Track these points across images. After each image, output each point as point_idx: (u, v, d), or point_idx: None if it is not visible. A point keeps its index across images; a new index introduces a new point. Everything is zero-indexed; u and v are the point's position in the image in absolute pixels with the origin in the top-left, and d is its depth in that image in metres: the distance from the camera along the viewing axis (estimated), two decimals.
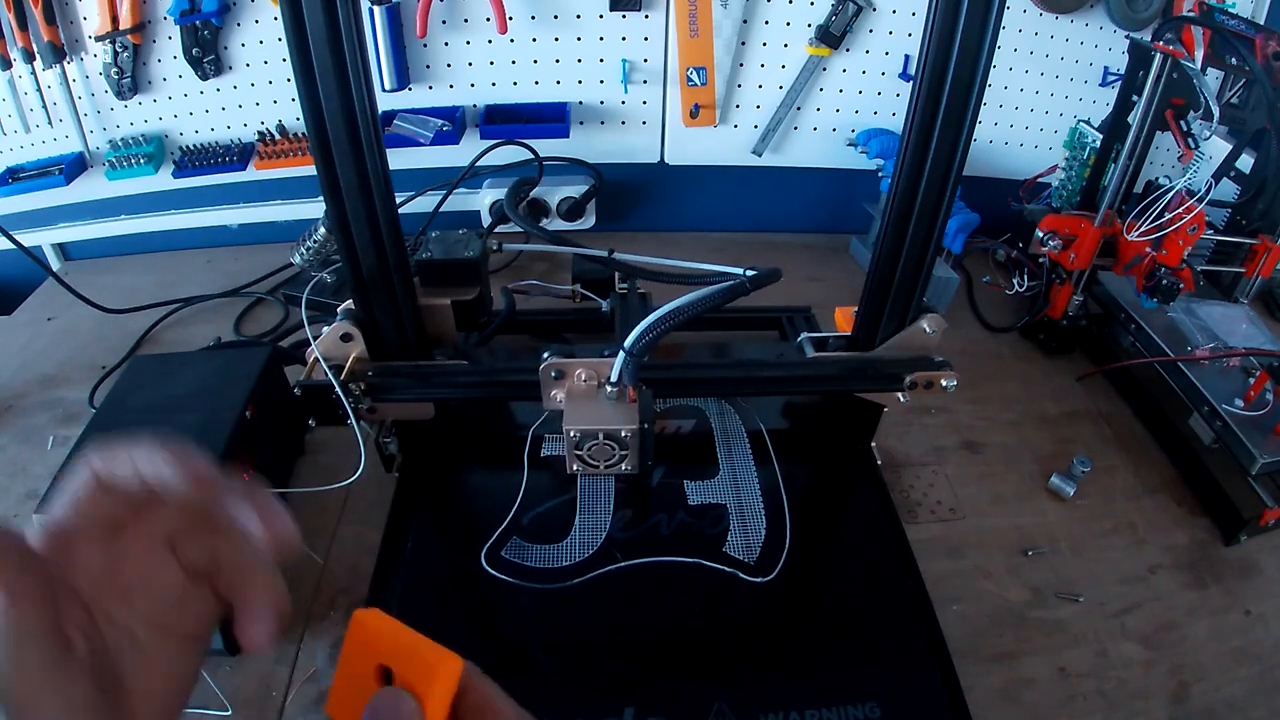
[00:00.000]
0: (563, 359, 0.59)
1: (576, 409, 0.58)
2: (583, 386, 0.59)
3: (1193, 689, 0.58)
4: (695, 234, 1.16)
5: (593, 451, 0.58)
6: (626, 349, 0.55)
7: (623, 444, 0.57)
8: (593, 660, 0.56)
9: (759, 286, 0.57)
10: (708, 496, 0.68)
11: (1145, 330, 0.83)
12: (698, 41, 0.95)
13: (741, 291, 0.56)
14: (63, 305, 0.93)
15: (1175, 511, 0.73)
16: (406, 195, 0.99)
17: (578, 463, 0.58)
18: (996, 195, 1.04)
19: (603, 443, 0.57)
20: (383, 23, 0.90)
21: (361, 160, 0.51)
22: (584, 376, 0.59)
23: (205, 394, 0.63)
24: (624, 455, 0.58)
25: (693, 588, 0.61)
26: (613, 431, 0.56)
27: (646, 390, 0.59)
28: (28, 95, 0.94)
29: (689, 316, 0.54)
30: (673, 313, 0.54)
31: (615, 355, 0.56)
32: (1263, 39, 0.81)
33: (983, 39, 0.48)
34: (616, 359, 0.56)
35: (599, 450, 0.58)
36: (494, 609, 0.60)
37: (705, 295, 0.54)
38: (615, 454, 0.58)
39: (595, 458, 0.58)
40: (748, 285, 0.56)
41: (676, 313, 0.53)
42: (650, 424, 0.57)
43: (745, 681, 0.55)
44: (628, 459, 0.58)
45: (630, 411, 0.57)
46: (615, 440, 0.57)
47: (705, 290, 0.55)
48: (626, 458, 0.58)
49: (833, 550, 0.66)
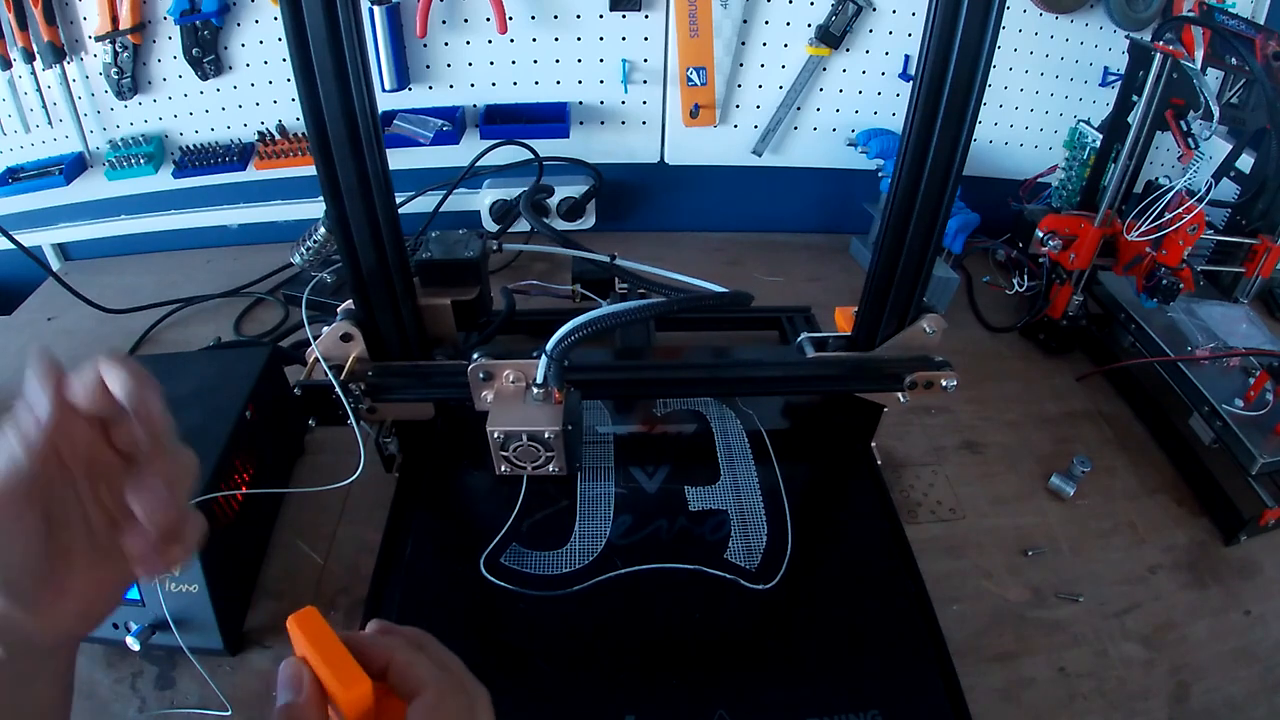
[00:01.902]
0: (491, 360, 0.59)
1: (501, 410, 0.58)
2: (510, 388, 0.59)
3: (1193, 689, 0.58)
4: (695, 234, 1.16)
5: (518, 452, 0.57)
6: (548, 352, 0.55)
7: (547, 445, 0.57)
8: (593, 668, 0.56)
9: (691, 308, 0.60)
10: (708, 502, 0.68)
11: (1145, 330, 0.83)
12: (698, 41, 0.95)
13: (669, 309, 0.58)
14: (63, 305, 0.93)
15: (1175, 511, 0.73)
16: (406, 195, 0.99)
17: (505, 464, 0.58)
18: (996, 195, 1.04)
19: (527, 444, 0.57)
20: (383, 23, 0.90)
21: (361, 160, 0.51)
22: (512, 378, 0.59)
23: (205, 394, 0.63)
24: (549, 456, 0.58)
25: (693, 595, 0.61)
26: (536, 433, 0.56)
27: (575, 392, 0.59)
28: (28, 95, 0.94)
29: (613, 324, 0.55)
30: (594, 320, 0.54)
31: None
32: (1263, 39, 0.81)
33: (983, 39, 0.48)
34: (540, 361, 0.56)
35: (524, 451, 0.57)
36: (494, 616, 0.59)
37: (632, 307, 0.55)
38: (540, 455, 0.57)
39: (521, 459, 0.58)
40: (675, 305, 0.59)
41: (598, 320, 0.54)
42: (577, 425, 0.57)
43: (746, 690, 0.54)
44: (554, 460, 0.58)
45: (555, 413, 0.57)
46: (539, 442, 0.57)
47: (634, 303, 0.56)
48: (552, 459, 0.58)
49: (834, 553, 0.66)
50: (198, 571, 0.53)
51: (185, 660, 0.54)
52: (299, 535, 0.66)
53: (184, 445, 0.32)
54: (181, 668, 0.55)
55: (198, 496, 0.54)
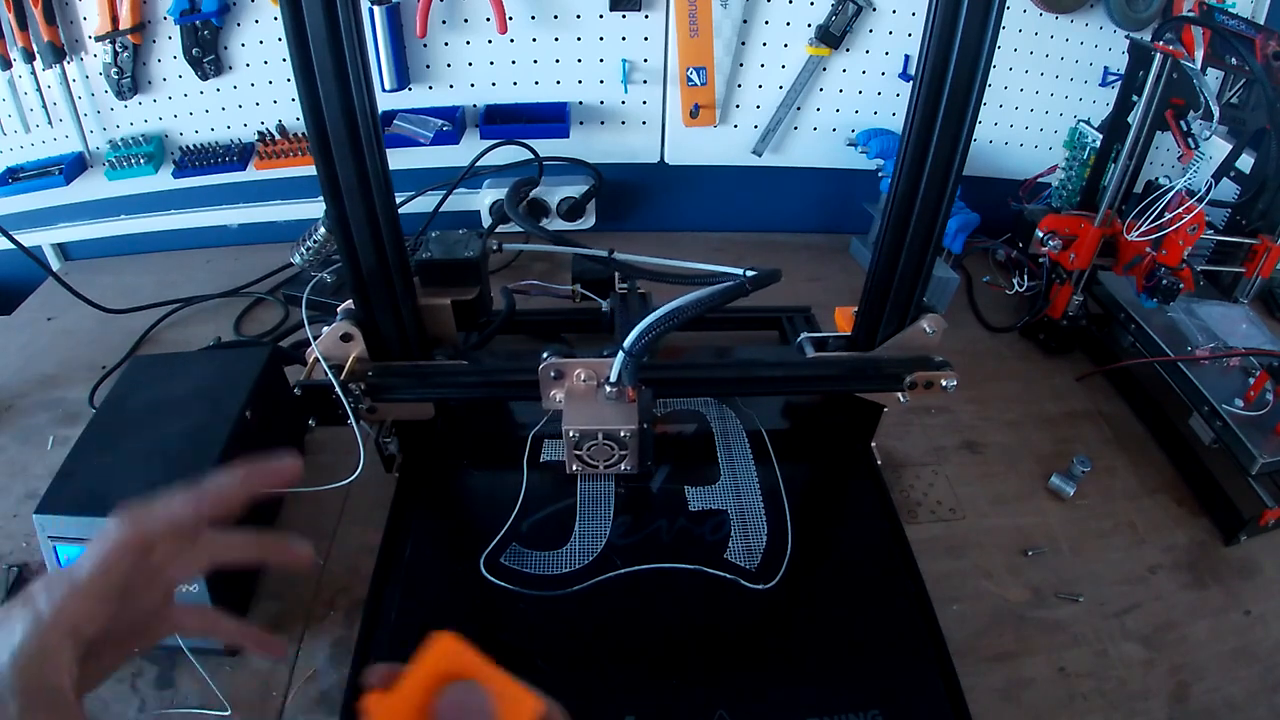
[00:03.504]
0: (562, 359, 0.59)
1: (576, 409, 0.58)
2: (582, 386, 0.59)
3: (1193, 689, 0.58)
4: (695, 234, 1.16)
5: (592, 451, 0.58)
6: (626, 349, 0.55)
7: (622, 444, 0.57)
8: (593, 668, 0.56)
9: (759, 287, 0.57)
10: (709, 502, 0.68)
11: (1145, 330, 0.83)
12: (698, 41, 0.95)
13: (741, 292, 0.56)
14: (63, 305, 0.93)
15: (1175, 511, 0.72)
16: (406, 195, 0.99)
17: (577, 463, 0.58)
18: (996, 195, 1.04)
19: (602, 443, 0.57)
20: (383, 23, 0.90)
21: (361, 160, 0.51)
22: (583, 376, 0.59)
23: (205, 394, 0.63)
24: (623, 455, 0.58)
25: (693, 595, 0.61)
26: (612, 431, 0.56)
27: (646, 390, 0.58)
28: (28, 95, 0.94)
29: (689, 317, 0.54)
30: (672, 313, 0.54)
31: (615, 355, 0.56)
32: (1263, 39, 0.81)
33: (983, 39, 0.48)
34: (616, 359, 0.56)
35: (598, 450, 0.58)
36: (493, 616, 0.59)
37: (705, 295, 0.54)
38: (614, 454, 0.58)
39: (594, 458, 0.58)
40: (747, 286, 0.56)
41: (676, 313, 0.54)
42: (650, 424, 0.57)
43: (746, 690, 0.54)
44: (627, 459, 0.58)
45: (629, 411, 0.57)
46: (614, 440, 0.57)
47: (705, 291, 0.55)
48: (626, 458, 0.58)
49: (834, 553, 0.66)
50: None
51: (185, 660, 0.54)
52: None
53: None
54: (181, 668, 0.55)
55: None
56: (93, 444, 0.59)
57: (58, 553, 0.54)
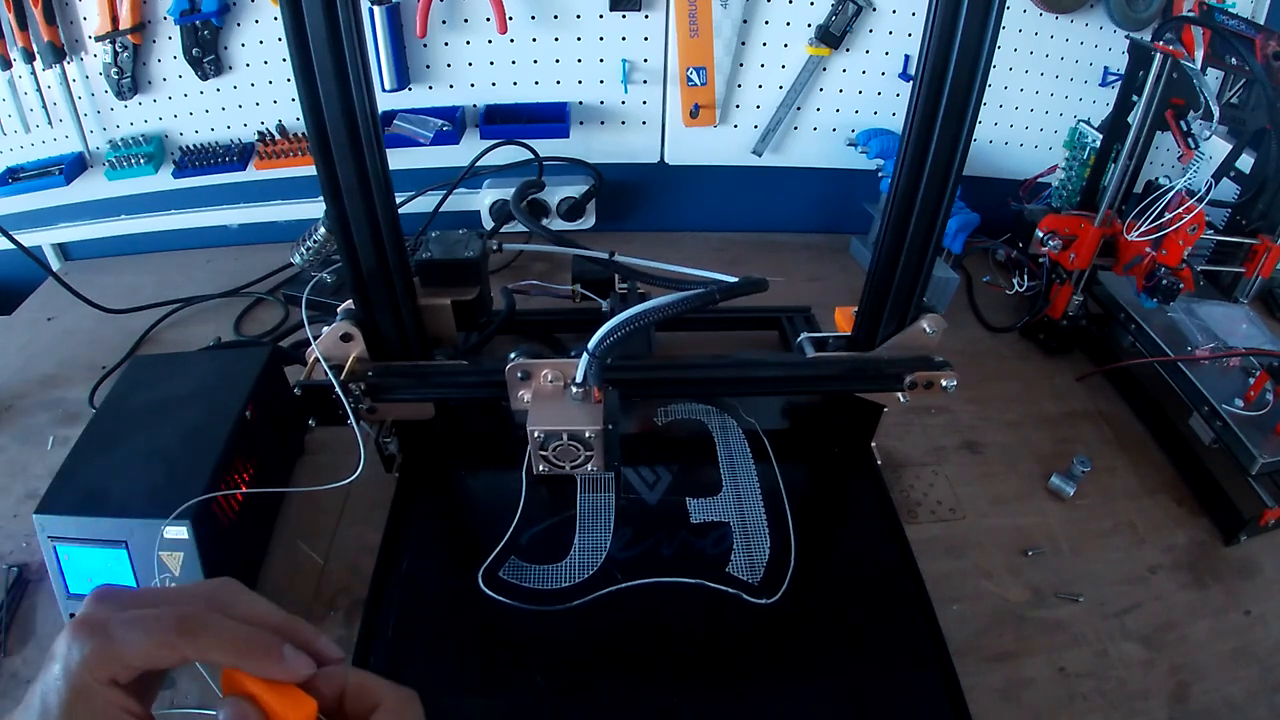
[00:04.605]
0: (529, 359, 0.59)
1: (541, 410, 0.58)
2: (549, 387, 0.59)
3: (1193, 689, 0.58)
4: (695, 234, 1.16)
5: (558, 452, 0.57)
6: (590, 350, 0.55)
7: (587, 445, 0.57)
8: (593, 684, 0.55)
9: (730, 297, 0.57)
10: (710, 515, 0.67)
11: (1145, 330, 0.83)
12: (698, 41, 0.95)
13: (711, 300, 0.56)
14: (63, 305, 0.93)
15: (1175, 511, 0.72)
16: (406, 195, 0.99)
17: (543, 463, 0.58)
18: (996, 195, 1.04)
19: (567, 443, 0.57)
20: (383, 23, 0.90)
21: (361, 160, 0.51)
22: (550, 377, 0.59)
23: (205, 394, 0.63)
24: (589, 456, 0.57)
25: (695, 610, 0.60)
26: (576, 432, 0.56)
27: (613, 391, 0.58)
28: (28, 95, 0.94)
29: (655, 320, 0.54)
30: (637, 316, 0.54)
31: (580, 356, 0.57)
32: (1263, 39, 0.81)
33: (983, 39, 0.48)
34: (581, 360, 0.56)
35: (564, 451, 0.57)
36: (491, 632, 0.59)
37: (674, 300, 0.55)
38: (580, 454, 0.57)
39: (560, 458, 0.58)
40: (717, 295, 0.57)
41: (641, 316, 0.54)
42: (616, 424, 0.57)
43: (749, 706, 0.54)
44: (593, 459, 0.58)
45: (595, 412, 0.57)
46: (579, 441, 0.56)
47: (674, 296, 0.55)
48: (591, 458, 0.58)
49: (836, 559, 0.66)
50: (197, 571, 0.53)
51: None
52: (299, 535, 0.66)
53: None
54: (181, 667, 0.55)
55: (198, 497, 0.54)
56: (93, 444, 0.59)
57: (58, 552, 0.54)
